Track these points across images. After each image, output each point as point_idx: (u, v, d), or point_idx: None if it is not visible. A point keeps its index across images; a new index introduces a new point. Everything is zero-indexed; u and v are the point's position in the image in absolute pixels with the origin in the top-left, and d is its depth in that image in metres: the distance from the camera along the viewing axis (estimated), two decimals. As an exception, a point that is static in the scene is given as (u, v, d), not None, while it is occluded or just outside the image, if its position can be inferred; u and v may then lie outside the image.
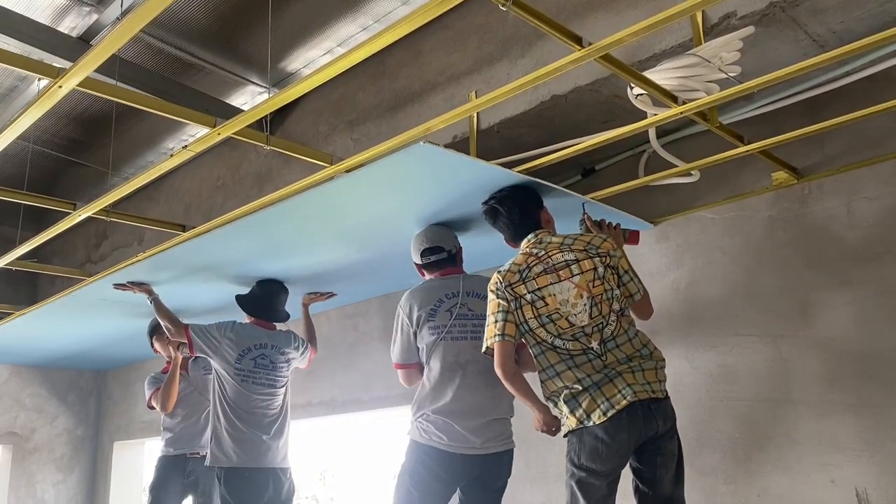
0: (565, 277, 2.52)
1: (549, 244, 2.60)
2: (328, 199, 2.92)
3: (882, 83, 2.65)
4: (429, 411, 2.84)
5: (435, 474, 2.79)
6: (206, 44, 4.03)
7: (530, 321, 2.49)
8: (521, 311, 2.51)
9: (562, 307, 2.49)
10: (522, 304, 2.51)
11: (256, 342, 3.72)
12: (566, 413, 2.43)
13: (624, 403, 2.35)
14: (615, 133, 2.59)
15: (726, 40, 2.43)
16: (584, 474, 2.37)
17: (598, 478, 2.37)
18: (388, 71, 3.89)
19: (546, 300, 2.50)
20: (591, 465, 2.36)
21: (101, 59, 2.08)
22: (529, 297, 2.50)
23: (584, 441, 2.38)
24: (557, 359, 2.45)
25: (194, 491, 4.30)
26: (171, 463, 4.29)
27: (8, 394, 6.49)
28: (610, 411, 2.35)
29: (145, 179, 2.97)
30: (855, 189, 2.80)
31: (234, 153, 4.94)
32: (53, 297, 4.13)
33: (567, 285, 2.50)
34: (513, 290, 2.52)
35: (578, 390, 2.40)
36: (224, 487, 3.59)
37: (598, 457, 2.36)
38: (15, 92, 4.39)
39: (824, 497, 2.68)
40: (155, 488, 4.27)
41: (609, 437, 2.35)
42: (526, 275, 2.53)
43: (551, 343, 2.47)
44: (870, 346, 2.67)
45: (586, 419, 2.37)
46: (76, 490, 6.70)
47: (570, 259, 2.54)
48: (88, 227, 6.32)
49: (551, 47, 3.08)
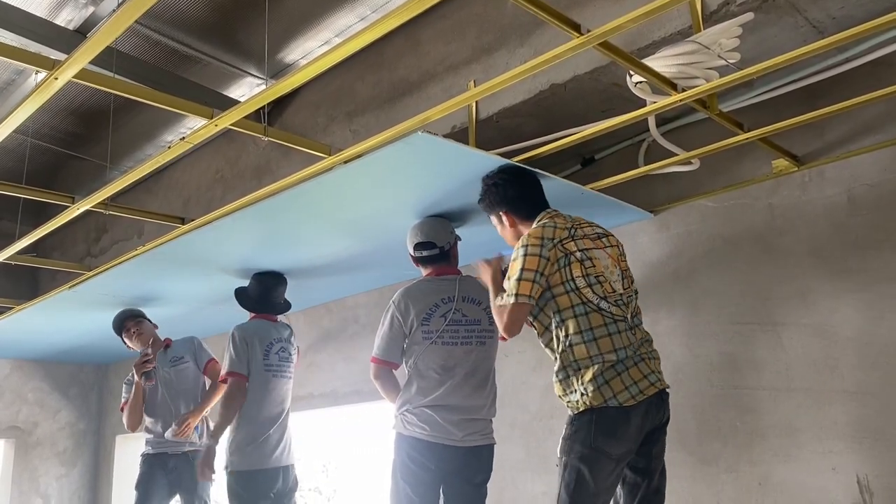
0: (601, 247, 2.50)
1: (574, 217, 2.58)
2: (327, 191, 2.91)
3: (882, 69, 2.64)
4: (412, 405, 2.89)
5: (421, 465, 2.84)
6: (204, 35, 4.01)
7: (578, 279, 2.38)
8: (570, 268, 2.39)
9: (606, 271, 2.44)
10: (572, 260, 2.39)
11: (274, 336, 3.74)
12: (589, 390, 2.31)
13: (652, 391, 2.36)
14: (614, 121, 2.58)
15: (725, 27, 2.41)
16: (596, 455, 2.29)
17: (609, 461, 2.31)
18: (387, 61, 3.88)
19: (593, 261, 2.43)
20: (605, 447, 2.29)
21: (97, 50, 2.07)
22: (579, 255, 2.41)
23: (602, 421, 2.30)
24: (601, 321, 2.36)
25: (178, 487, 4.24)
26: (152, 460, 4.26)
27: (10, 388, 6.50)
28: (639, 396, 2.33)
29: (143, 172, 2.96)
30: (855, 176, 2.79)
31: (232, 146, 4.93)
32: (54, 291, 4.13)
33: (604, 254, 2.49)
34: (563, 245, 2.41)
35: (612, 362, 2.32)
36: (235, 482, 3.55)
37: (615, 439, 2.31)
38: (12, 86, 4.38)
39: (826, 484, 2.68)
40: (140, 486, 4.24)
41: (631, 421, 2.32)
42: (574, 233, 2.46)
43: (597, 305, 2.37)
44: (870, 334, 2.66)
45: (612, 398, 2.30)
46: (79, 484, 6.71)
47: (601, 232, 2.57)
48: (88, 220, 6.32)
49: (550, 36, 3.07)
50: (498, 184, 2.63)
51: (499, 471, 3.62)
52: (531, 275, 2.35)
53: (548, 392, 3.52)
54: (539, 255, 2.37)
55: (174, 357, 4.29)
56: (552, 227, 2.45)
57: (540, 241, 2.40)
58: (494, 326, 2.90)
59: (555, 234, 2.42)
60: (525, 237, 2.44)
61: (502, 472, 3.61)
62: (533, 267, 2.36)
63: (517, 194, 2.61)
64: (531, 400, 3.59)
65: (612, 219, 3.36)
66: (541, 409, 3.55)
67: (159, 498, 4.23)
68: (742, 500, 2.87)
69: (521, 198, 2.62)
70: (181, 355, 4.30)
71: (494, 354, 3.02)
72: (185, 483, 4.18)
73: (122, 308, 4.32)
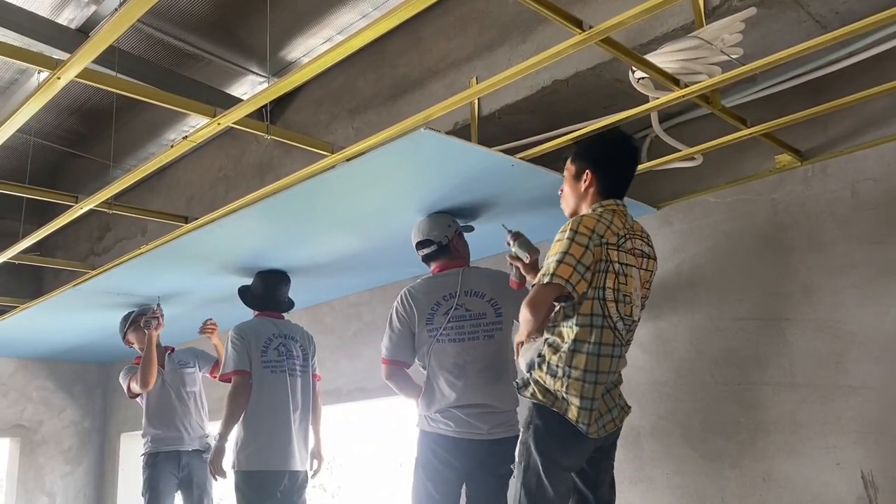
0: (639, 266, 2.39)
1: (634, 224, 2.43)
2: (330, 188, 2.91)
3: (886, 63, 2.63)
4: (434, 410, 2.89)
5: (445, 462, 2.83)
6: (206, 33, 4.01)
7: (608, 291, 2.25)
8: (606, 275, 2.25)
9: (633, 294, 2.34)
10: (609, 269, 2.25)
11: (273, 332, 3.74)
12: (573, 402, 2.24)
13: (611, 428, 2.39)
14: (617, 117, 2.57)
15: (728, 22, 2.40)
16: (548, 463, 2.27)
17: (560, 469, 2.32)
18: (388, 58, 3.87)
19: (627, 278, 2.31)
20: (557, 457, 2.29)
21: (99, 49, 2.07)
22: (618, 267, 2.28)
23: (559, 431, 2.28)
24: (611, 340, 2.26)
25: (188, 485, 4.28)
26: (163, 458, 4.28)
27: (15, 387, 6.53)
28: (601, 432, 2.34)
29: (146, 171, 2.96)
30: (859, 171, 2.78)
31: (235, 144, 4.93)
32: (58, 290, 4.14)
33: (637, 275, 2.37)
34: (608, 251, 2.26)
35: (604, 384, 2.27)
36: (241, 480, 3.56)
37: (566, 452, 2.32)
38: (15, 85, 4.38)
39: (830, 480, 2.68)
40: (151, 486, 4.24)
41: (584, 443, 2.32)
42: (623, 244, 2.32)
43: (614, 323, 2.27)
44: (875, 329, 2.66)
45: (576, 420, 2.25)
46: (84, 481, 6.74)
47: (647, 252, 2.45)
48: (91, 220, 6.33)
49: (552, 32, 3.06)
50: (609, 142, 2.47)
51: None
52: (573, 260, 2.20)
53: (551, 388, 3.52)
54: (586, 247, 2.22)
55: (180, 361, 4.39)
56: (606, 224, 2.30)
57: (590, 232, 2.25)
58: (502, 318, 2.91)
59: (605, 234, 2.27)
60: (576, 222, 2.28)
61: (506, 468, 3.62)
62: (577, 255, 2.21)
63: (616, 167, 2.45)
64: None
65: (615, 215, 3.36)
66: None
67: (170, 496, 4.27)
68: (746, 495, 2.87)
69: (616, 174, 2.45)
70: (186, 360, 4.40)
71: (507, 346, 2.93)
72: (198, 479, 4.24)
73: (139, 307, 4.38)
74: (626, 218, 2.40)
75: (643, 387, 3.22)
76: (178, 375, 4.35)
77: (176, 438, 4.30)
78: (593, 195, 2.43)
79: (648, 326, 3.25)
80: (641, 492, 3.16)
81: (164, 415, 4.32)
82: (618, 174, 2.47)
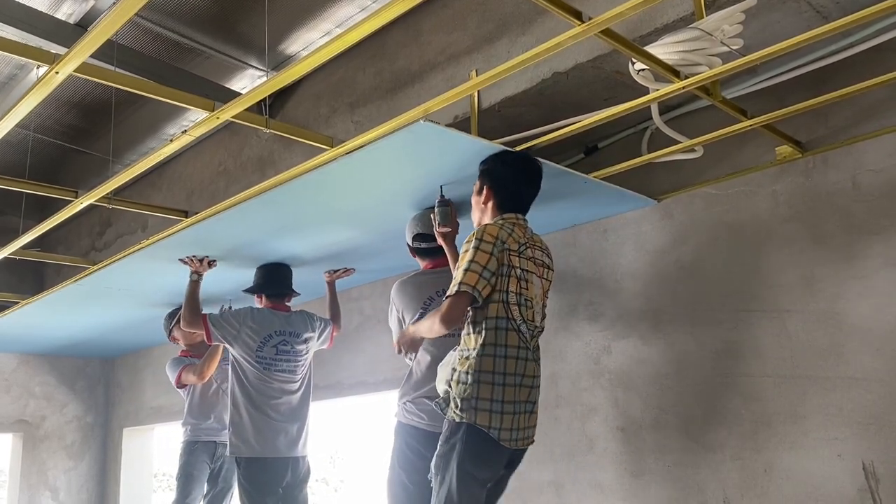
0: (539, 275, 2.56)
1: (534, 236, 2.61)
2: (330, 182, 2.91)
3: (887, 54, 2.62)
4: (409, 396, 2.99)
5: (418, 453, 2.90)
6: (205, 27, 4.00)
7: (511, 294, 2.42)
8: (508, 280, 2.42)
9: (534, 299, 2.50)
10: (511, 274, 2.43)
11: (277, 328, 3.73)
12: (481, 406, 2.35)
13: (522, 445, 2.48)
14: (617, 109, 2.57)
15: (728, 13, 2.39)
16: (466, 477, 2.38)
17: (476, 483, 2.41)
18: (388, 52, 3.86)
19: (528, 284, 2.48)
20: (474, 471, 2.39)
21: (97, 43, 2.06)
22: (519, 273, 2.45)
23: (477, 443, 2.37)
24: (517, 343, 2.41)
25: (216, 478, 4.39)
26: (201, 448, 4.37)
27: (17, 382, 6.54)
28: (513, 444, 2.43)
29: (146, 165, 2.96)
30: (860, 162, 2.77)
31: (235, 138, 4.93)
32: (59, 286, 4.14)
33: (538, 283, 2.54)
34: (509, 256, 2.43)
35: (511, 385, 2.39)
36: (242, 475, 3.61)
37: (484, 464, 2.42)
38: (14, 80, 4.38)
39: (831, 471, 2.68)
40: (186, 472, 4.33)
41: (503, 453, 2.43)
42: (523, 251, 2.49)
43: (518, 325, 2.42)
44: (876, 320, 2.66)
45: (495, 430, 2.36)
46: (87, 476, 6.76)
47: (546, 262, 2.62)
48: (92, 215, 6.33)
49: (552, 24, 3.05)
50: (507, 162, 2.61)
51: (504, 460, 3.63)
52: (478, 267, 2.37)
53: (553, 381, 3.52)
54: (490, 254, 2.39)
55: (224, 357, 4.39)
56: (508, 232, 2.47)
57: (494, 239, 2.42)
58: None
59: (507, 240, 2.44)
60: (480, 231, 2.45)
61: (508, 461, 3.62)
62: (483, 262, 2.38)
63: (511, 185, 2.61)
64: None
65: (616, 207, 3.36)
66: (546, 399, 3.54)
67: (201, 485, 4.37)
68: (748, 487, 2.88)
69: (512, 191, 2.61)
70: (225, 356, 4.41)
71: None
72: (226, 473, 4.35)
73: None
74: (526, 230, 2.57)
75: (644, 379, 3.22)
76: (221, 370, 4.38)
77: (214, 430, 4.38)
78: (493, 209, 2.60)
79: (649, 318, 3.25)
80: (643, 484, 3.17)
81: (206, 406, 4.41)
82: (514, 192, 2.61)
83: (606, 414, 3.33)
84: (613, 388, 3.32)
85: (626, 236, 3.39)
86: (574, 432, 3.42)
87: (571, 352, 3.49)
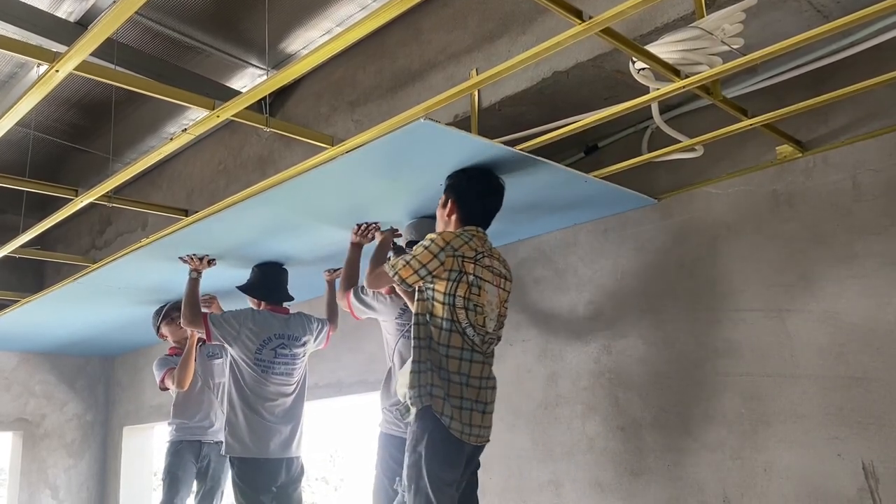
0: (496, 284, 2.66)
1: (493, 249, 2.72)
2: (330, 180, 2.91)
3: (887, 53, 2.62)
4: (391, 402, 3.06)
5: (399, 461, 2.90)
6: (205, 26, 4.00)
7: (458, 298, 2.52)
8: (458, 284, 2.52)
9: (486, 305, 2.59)
10: (462, 279, 2.53)
11: (276, 331, 3.73)
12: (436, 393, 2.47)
13: (474, 441, 2.55)
14: (618, 108, 2.57)
15: (729, 12, 2.39)
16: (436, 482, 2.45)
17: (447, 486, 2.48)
18: (388, 51, 3.86)
19: (481, 290, 2.57)
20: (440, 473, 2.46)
21: (98, 41, 2.06)
22: (472, 279, 2.55)
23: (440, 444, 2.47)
24: (461, 344, 2.53)
25: (204, 476, 4.37)
26: (186, 447, 4.35)
27: (17, 381, 6.54)
28: (465, 436, 2.50)
29: (146, 164, 2.97)
30: (860, 162, 2.77)
31: (235, 137, 4.93)
32: (59, 284, 4.14)
33: (495, 291, 2.64)
34: (463, 262, 2.54)
35: (456, 383, 2.49)
36: (236, 474, 3.61)
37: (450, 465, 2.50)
38: (14, 79, 4.38)
39: (831, 471, 2.68)
40: (171, 472, 4.31)
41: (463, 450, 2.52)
42: (479, 259, 2.59)
43: (463, 328, 2.53)
44: (876, 319, 2.65)
45: (448, 420, 2.47)
46: (87, 475, 6.76)
47: (504, 273, 2.72)
48: (92, 214, 6.33)
49: (552, 23, 3.05)
50: (471, 177, 2.72)
51: (504, 459, 3.63)
52: (417, 264, 2.52)
53: (553, 380, 3.53)
54: (435, 256, 2.51)
55: (210, 353, 4.41)
56: (464, 241, 2.57)
57: (445, 244, 2.53)
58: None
59: (461, 248, 2.55)
60: (438, 234, 2.58)
61: (507, 460, 3.63)
62: (424, 261, 2.51)
63: (474, 199, 2.72)
64: (536, 388, 3.59)
65: (616, 206, 3.36)
66: (546, 398, 3.55)
67: (188, 485, 4.35)
68: (748, 486, 2.88)
69: (474, 205, 2.71)
70: (216, 352, 4.43)
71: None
72: (214, 472, 4.33)
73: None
74: (485, 242, 2.68)
75: (644, 378, 3.23)
76: (207, 367, 4.39)
77: (199, 429, 4.37)
78: (456, 222, 2.70)
79: (649, 318, 3.25)
80: (643, 483, 3.17)
81: (190, 406, 4.39)
82: (477, 207, 2.72)
83: (606, 413, 3.33)
84: (613, 388, 3.32)
85: (627, 235, 3.39)
86: (574, 431, 3.42)
87: (571, 351, 3.49)
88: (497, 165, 2.75)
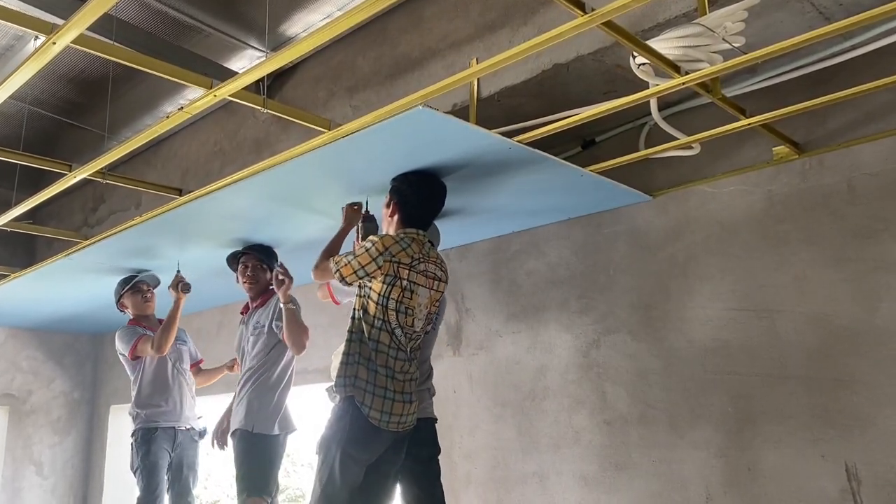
0: (429, 287, 2.75)
1: (431, 252, 2.79)
2: (325, 165, 2.89)
3: (887, 58, 2.62)
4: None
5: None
6: (205, 5, 3.97)
7: (391, 301, 2.64)
8: (392, 288, 2.63)
9: (416, 308, 2.70)
10: (396, 284, 2.63)
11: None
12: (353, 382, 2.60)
13: (393, 428, 2.65)
14: (616, 103, 2.56)
15: (731, 10, 2.39)
16: (345, 458, 2.58)
17: (356, 464, 2.61)
18: (389, 37, 3.84)
19: (413, 294, 2.68)
20: (353, 452, 2.59)
21: (96, 14, 2.04)
22: (405, 284, 2.65)
23: (356, 426, 2.59)
24: (389, 342, 2.65)
25: (179, 465, 4.14)
26: (161, 435, 4.10)
27: (4, 356, 6.51)
28: (383, 424, 2.61)
29: (142, 141, 2.94)
30: (856, 165, 2.78)
31: (232, 118, 4.90)
32: (50, 259, 4.11)
33: (426, 294, 2.74)
34: (398, 268, 2.64)
35: (382, 374, 2.62)
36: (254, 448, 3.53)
37: (363, 447, 2.62)
38: (11, 51, 4.33)
39: (815, 471, 2.70)
40: (149, 462, 4.04)
41: (381, 437, 2.64)
42: (416, 266, 2.68)
43: (392, 328, 2.65)
44: (864, 322, 2.67)
45: (367, 410, 2.59)
46: (72, 452, 6.75)
47: (439, 275, 2.80)
48: (86, 190, 6.30)
49: (554, 15, 3.04)
50: (412, 182, 2.81)
51: (489, 450, 3.64)
52: (357, 265, 2.64)
53: (541, 373, 3.53)
54: (373, 259, 2.62)
55: (177, 336, 4.24)
56: (403, 247, 2.66)
57: (384, 249, 2.63)
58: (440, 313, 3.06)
59: (398, 254, 2.64)
60: (380, 238, 2.67)
61: (493, 451, 3.64)
62: (363, 263, 2.63)
63: (415, 203, 2.80)
64: (524, 380, 3.60)
65: (611, 201, 3.36)
66: (533, 390, 3.56)
67: (164, 472, 4.11)
68: (731, 484, 2.89)
69: (415, 209, 2.80)
70: (182, 337, 4.35)
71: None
72: (188, 460, 4.17)
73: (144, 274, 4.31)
74: (423, 246, 2.75)
75: (632, 373, 3.24)
76: (175, 349, 4.20)
77: (172, 414, 4.14)
78: (398, 222, 2.79)
79: (640, 314, 3.26)
80: (627, 478, 3.18)
81: (159, 389, 4.15)
82: (417, 210, 2.81)
83: (593, 407, 3.34)
84: (601, 382, 3.33)
85: (620, 231, 3.39)
86: (560, 424, 3.43)
87: (561, 344, 3.50)
88: (494, 157, 2.75)
